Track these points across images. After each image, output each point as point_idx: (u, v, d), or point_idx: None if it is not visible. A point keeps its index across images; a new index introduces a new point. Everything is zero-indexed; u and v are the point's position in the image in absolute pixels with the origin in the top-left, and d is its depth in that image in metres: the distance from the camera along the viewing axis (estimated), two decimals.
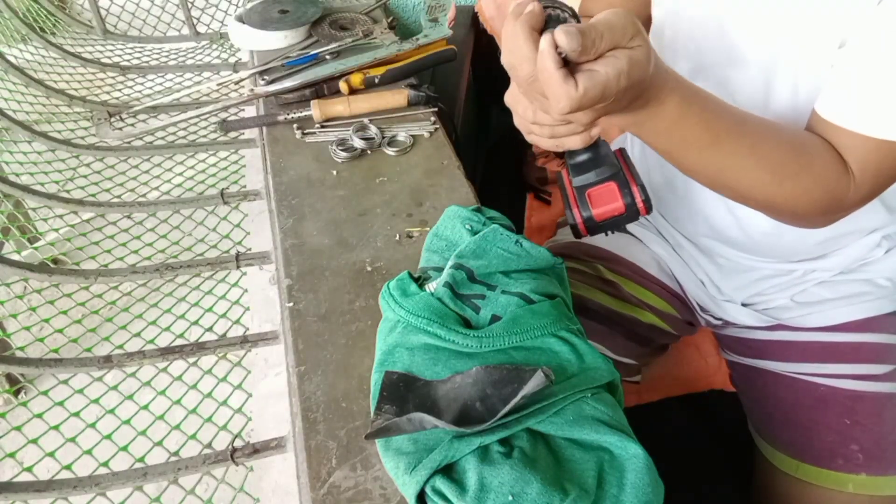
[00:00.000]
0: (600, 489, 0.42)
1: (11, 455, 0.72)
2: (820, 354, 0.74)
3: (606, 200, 0.54)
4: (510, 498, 0.40)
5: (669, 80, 0.48)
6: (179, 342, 0.76)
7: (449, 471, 0.42)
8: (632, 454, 0.43)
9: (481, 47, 1.21)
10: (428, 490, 0.42)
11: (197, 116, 1.00)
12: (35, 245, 1.28)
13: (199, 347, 0.70)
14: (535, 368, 0.43)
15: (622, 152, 0.61)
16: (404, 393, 0.47)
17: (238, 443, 0.60)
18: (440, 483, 0.42)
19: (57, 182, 0.99)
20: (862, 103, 0.53)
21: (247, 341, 0.70)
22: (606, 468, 0.43)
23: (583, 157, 0.54)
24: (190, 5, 1.31)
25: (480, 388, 0.45)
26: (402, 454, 0.44)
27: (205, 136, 1.06)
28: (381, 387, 0.48)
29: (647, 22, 0.75)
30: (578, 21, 0.45)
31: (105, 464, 0.67)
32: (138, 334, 0.85)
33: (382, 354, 0.52)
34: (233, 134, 0.99)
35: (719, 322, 0.83)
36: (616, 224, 0.55)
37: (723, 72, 0.65)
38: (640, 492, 0.41)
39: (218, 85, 1.04)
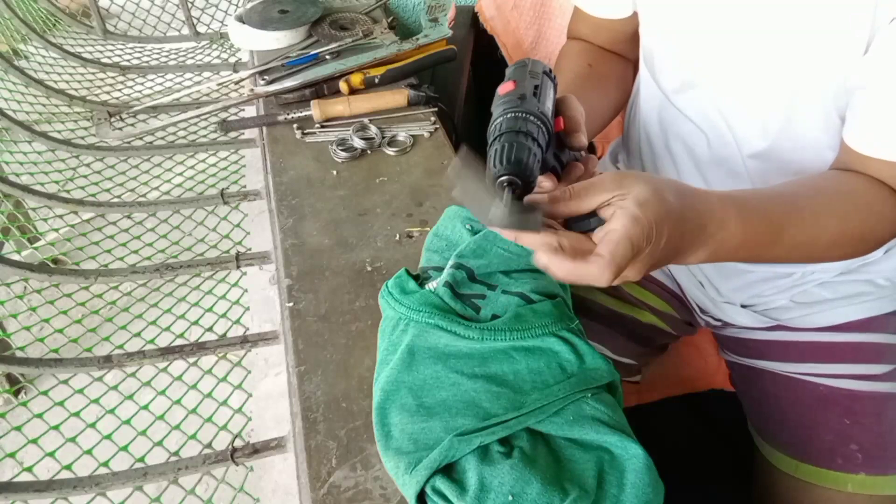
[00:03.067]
0: (600, 489, 0.42)
1: (11, 455, 0.72)
2: (819, 354, 0.74)
3: None
4: (510, 498, 0.40)
5: (715, 202, 0.48)
6: (179, 342, 0.76)
7: (449, 470, 0.43)
8: (632, 454, 0.43)
9: (481, 47, 1.21)
10: (428, 490, 0.42)
11: (197, 116, 1.00)
12: (35, 245, 1.28)
13: (199, 347, 0.70)
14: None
15: None
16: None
17: (238, 443, 0.60)
18: (440, 483, 0.42)
19: (57, 182, 0.99)
20: (891, 131, 0.54)
21: (247, 341, 0.70)
22: (606, 468, 0.43)
23: None
24: (190, 5, 1.31)
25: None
26: (402, 454, 0.44)
27: (205, 136, 1.06)
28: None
29: (634, 37, 0.75)
30: (545, 117, 0.47)
31: (105, 464, 0.67)
32: (138, 334, 0.85)
33: (384, 353, 0.52)
34: (233, 134, 0.99)
35: (718, 323, 0.83)
36: None
37: (711, 90, 0.65)
38: (640, 492, 0.41)
39: (218, 85, 1.04)
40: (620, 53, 0.79)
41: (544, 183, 0.53)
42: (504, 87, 0.50)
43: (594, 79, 0.74)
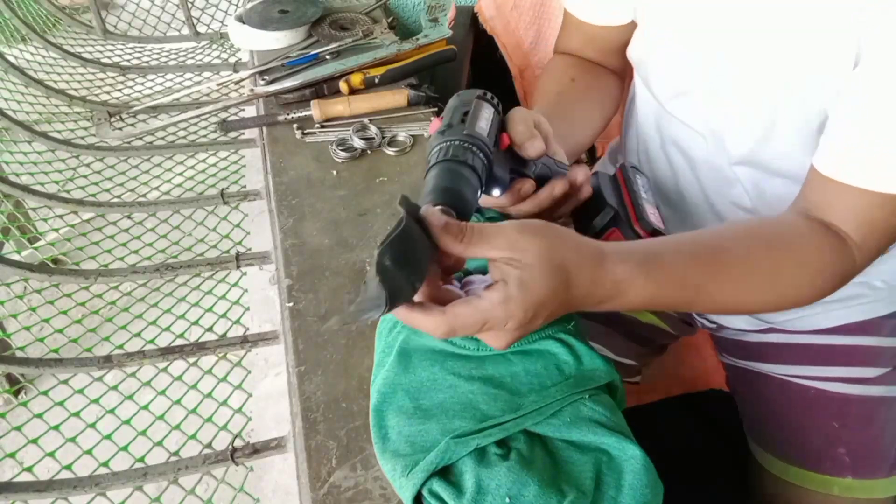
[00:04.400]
0: (598, 491, 0.42)
1: (11, 455, 0.72)
2: (813, 357, 0.74)
3: None
4: (507, 500, 0.40)
5: (620, 271, 0.44)
6: (179, 342, 0.76)
7: (446, 473, 0.43)
8: (630, 455, 0.43)
9: (481, 47, 1.21)
10: (425, 492, 0.42)
11: (197, 116, 1.00)
12: (35, 245, 1.28)
13: (199, 347, 0.70)
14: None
15: (623, 171, 0.60)
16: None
17: (238, 443, 0.61)
18: (437, 485, 0.42)
19: (57, 182, 0.99)
20: (863, 158, 0.50)
21: (247, 341, 0.70)
22: (604, 469, 0.43)
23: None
24: (190, 5, 1.31)
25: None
26: (399, 456, 0.44)
27: (205, 136, 1.06)
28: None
29: (624, 48, 0.74)
30: (474, 138, 0.47)
31: (105, 464, 0.67)
32: (138, 334, 0.85)
33: (381, 355, 0.52)
34: (233, 134, 0.99)
35: (714, 325, 0.83)
36: None
37: (702, 98, 0.65)
38: (639, 493, 0.41)
39: (218, 85, 1.04)
40: (608, 67, 0.78)
41: (518, 186, 0.53)
42: (433, 126, 0.51)
43: (578, 92, 0.73)
